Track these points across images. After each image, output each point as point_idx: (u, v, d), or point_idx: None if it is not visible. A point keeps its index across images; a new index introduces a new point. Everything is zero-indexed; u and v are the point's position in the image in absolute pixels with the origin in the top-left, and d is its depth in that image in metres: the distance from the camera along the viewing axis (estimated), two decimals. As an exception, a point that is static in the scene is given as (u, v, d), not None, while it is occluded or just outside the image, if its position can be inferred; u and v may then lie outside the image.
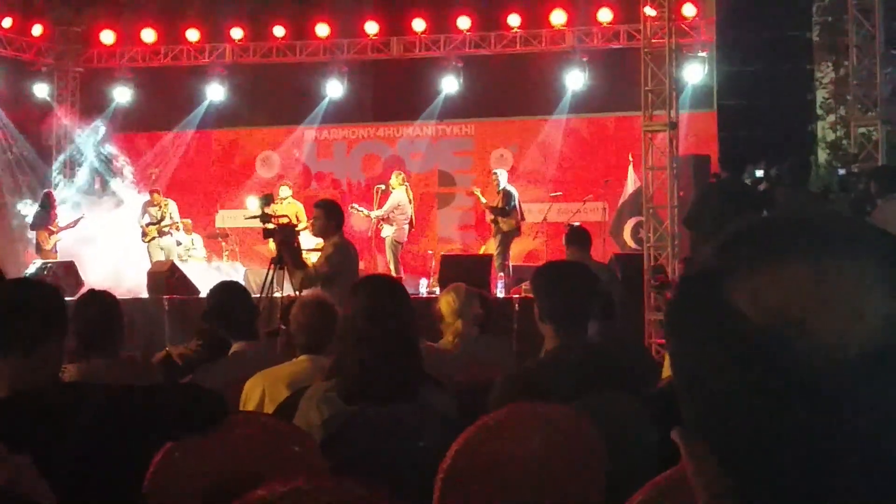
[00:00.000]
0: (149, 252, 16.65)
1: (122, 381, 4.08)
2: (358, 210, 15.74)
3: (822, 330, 0.82)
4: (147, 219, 16.84)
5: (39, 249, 16.43)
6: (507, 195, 14.87)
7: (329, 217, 8.74)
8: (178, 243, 16.77)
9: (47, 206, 16.68)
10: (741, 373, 0.85)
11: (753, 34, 14.14)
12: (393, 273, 14.79)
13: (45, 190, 17.34)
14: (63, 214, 16.95)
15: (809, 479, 0.83)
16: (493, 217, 15.05)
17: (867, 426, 0.81)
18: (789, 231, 0.90)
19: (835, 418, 0.81)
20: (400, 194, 15.52)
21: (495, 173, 15.40)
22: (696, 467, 0.91)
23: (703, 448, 0.90)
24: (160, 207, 16.71)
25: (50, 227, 16.42)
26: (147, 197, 17.11)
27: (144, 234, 16.76)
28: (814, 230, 0.89)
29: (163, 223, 16.60)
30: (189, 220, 17.29)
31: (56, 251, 16.43)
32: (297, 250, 9.62)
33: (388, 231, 15.39)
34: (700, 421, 0.90)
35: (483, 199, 15.66)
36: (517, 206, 14.85)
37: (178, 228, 16.74)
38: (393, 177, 15.73)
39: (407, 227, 15.58)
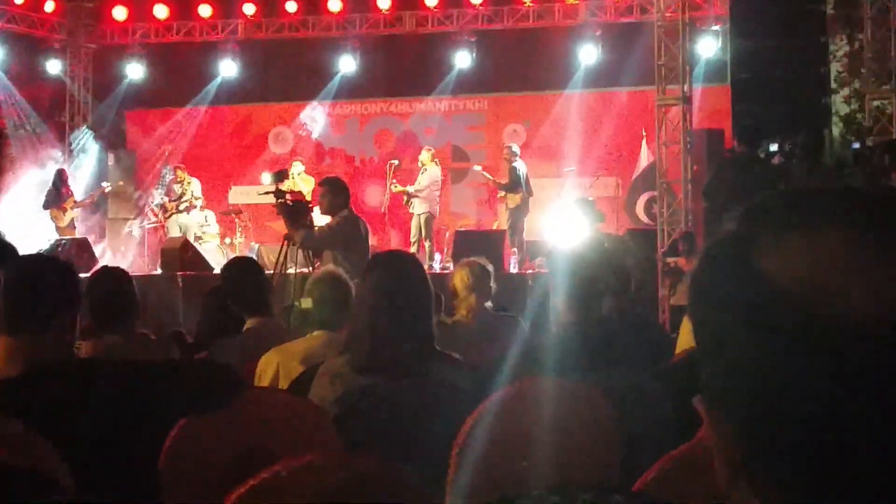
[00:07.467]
0: (167, 228, 16.82)
1: (136, 358, 4.09)
2: (395, 188, 15.77)
3: (852, 297, 0.81)
4: (161, 197, 16.96)
5: (56, 228, 16.44)
6: (513, 171, 14.80)
7: (335, 193, 8.73)
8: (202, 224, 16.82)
9: (59, 183, 16.66)
10: (767, 338, 0.84)
11: (767, 7, 14.04)
12: (426, 245, 14.85)
13: (58, 167, 17.30)
14: (78, 190, 16.97)
15: (831, 449, 0.82)
16: (503, 193, 15.05)
17: (894, 398, 0.80)
18: (820, 199, 0.89)
19: (861, 388, 0.80)
20: (435, 171, 15.55)
21: (507, 147, 15.35)
22: (717, 434, 0.91)
23: (723, 415, 0.89)
24: (182, 184, 16.78)
25: (63, 204, 16.40)
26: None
27: (164, 210, 16.86)
28: (844, 199, 0.88)
29: (182, 199, 16.66)
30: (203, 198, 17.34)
31: (74, 227, 16.47)
32: (310, 226, 9.59)
33: (421, 208, 15.34)
34: (722, 388, 0.89)
35: (489, 177, 15.69)
36: (524, 182, 14.76)
37: (194, 206, 16.76)
38: (426, 154, 15.71)
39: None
